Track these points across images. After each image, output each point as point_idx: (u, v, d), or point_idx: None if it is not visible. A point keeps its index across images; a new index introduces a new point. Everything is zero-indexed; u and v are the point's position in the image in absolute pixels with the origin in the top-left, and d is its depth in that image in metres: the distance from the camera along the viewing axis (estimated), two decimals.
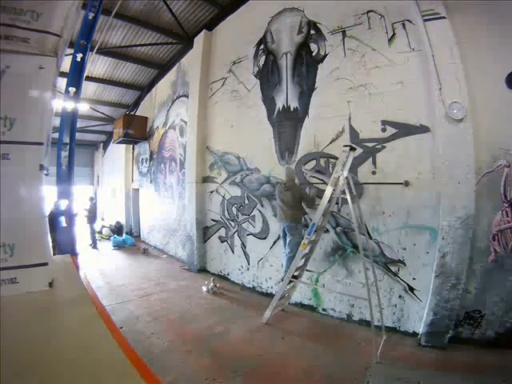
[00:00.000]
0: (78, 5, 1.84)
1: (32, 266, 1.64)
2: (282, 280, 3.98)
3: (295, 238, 4.04)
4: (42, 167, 1.72)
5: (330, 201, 3.63)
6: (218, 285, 5.11)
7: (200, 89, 6.26)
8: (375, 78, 3.83)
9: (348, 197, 3.27)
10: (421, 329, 3.34)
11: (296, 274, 3.91)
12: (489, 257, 3.12)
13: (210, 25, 6.32)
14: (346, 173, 3.43)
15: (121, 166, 10.93)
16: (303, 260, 3.95)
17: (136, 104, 9.73)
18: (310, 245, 3.84)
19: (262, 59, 5.24)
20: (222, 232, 5.93)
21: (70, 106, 3.41)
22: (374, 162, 3.80)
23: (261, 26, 5.24)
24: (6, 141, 1.59)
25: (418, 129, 3.50)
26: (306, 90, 4.56)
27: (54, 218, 3.26)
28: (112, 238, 9.34)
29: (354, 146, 3.66)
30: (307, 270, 4.16)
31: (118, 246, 8.84)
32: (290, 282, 3.89)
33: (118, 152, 11.15)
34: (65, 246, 3.10)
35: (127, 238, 9.31)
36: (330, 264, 4.20)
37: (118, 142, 9.85)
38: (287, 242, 4.14)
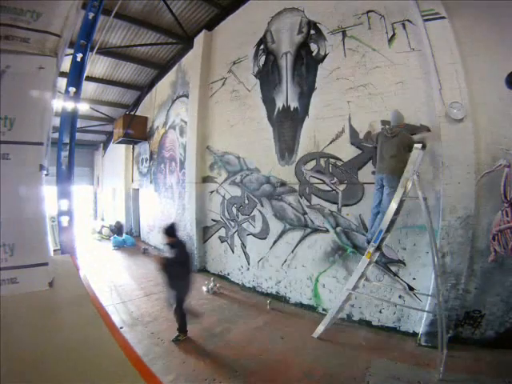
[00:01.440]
0: (78, 5, 1.84)
1: (32, 266, 1.63)
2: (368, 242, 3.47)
3: (394, 191, 3.35)
4: (42, 167, 1.72)
5: (400, 205, 3.26)
6: (218, 285, 5.11)
7: (200, 89, 6.26)
8: (375, 77, 3.83)
9: (421, 199, 2.95)
10: (421, 329, 3.33)
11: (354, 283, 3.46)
12: (489, 257, 3.12)
13: (210, 25, 6.32)
14: (416, 173, 3.10)
15: (121, 166, 10.93)
16: (364, 267, 3.44)
17: (136, 104, 9.73)
18: (377, 253, 3.43)
19: (262, 59, 5.24)
20: (222, 232, 5.93)
21: (69, 106, 3.41)
22: (375, 162, 3.80)
23: (261, 26, 5.24)
24: (6, 141, 1.58)
25: (418, 129, 3.50)
26: (306, 90, 4.56)
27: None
28: (112, 237, 9.34)
29: (424, 143, 3.32)
30: (367, 281, 3.63)
31: (118, 246, 8.84)
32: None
33: (118, 152, 11.15)
34: (65, 246, 3.10)
35: (127, 238, 9.31)
36: (330, 264, 4.20)
37: (118, 142, 9.85)
38: (385, 194, 3.46)
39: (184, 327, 3.46)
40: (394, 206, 3.18)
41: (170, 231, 3.50)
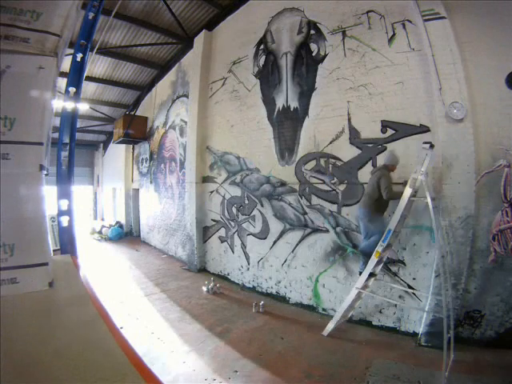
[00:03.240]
0: (78, 5, 1.84)
1: (32, 266, 1.63)
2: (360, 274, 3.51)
3: (366, 223, 3.51)
4: (42, 167, 1.72)
5: (409, 205, 3.21)
6: (218, 285, 5.11)
7: (200, 89, 6.26)
8: (375, 78, 3.83)
9: (428, 199, 2.87)
10: (421, 329, 3.33)
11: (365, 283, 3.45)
12: (489, 257, 3.12)
13: (210, 25, 6.32)
14: (424, 173, 3.05)
15: (121, 166, 10.93)
16: (374, 267, 3.40)
17: (136, 104, 9.73)
18: (386, 251, 3.40)
19: (262, 59, 5.24)
20: (222, 232, 5.93)
21: (69, 106, 3.40)
22: (375, 162, 3.80)
23: (261, 26, 5.24)
24: (6, 141, 1.58)
25: (418, 129, 3.50)
26: (306, 90, 4.56)
27: None
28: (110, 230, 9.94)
29: (432, 143, 3.20)
30: (376, 280, 3.67)
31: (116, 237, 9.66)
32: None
33: (118, 152, 11.15)
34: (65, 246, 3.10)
35: (115, 230, 10.17)
36: (330, 264, 4.20)
37: (118, 142, 9.84)
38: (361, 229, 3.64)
39: None
40: (402, 204, 3.11)
41: None
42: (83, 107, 8.09)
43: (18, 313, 1.40)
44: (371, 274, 3.43)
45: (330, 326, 3.57)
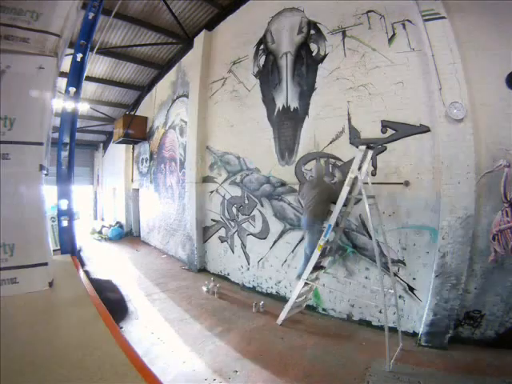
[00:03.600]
0: (78, 5, 1.84)
1: (32, 266, 1.63)
2: (298, 278, 3.84)
3: (311, 235, 3.84)
4: (42, 167, 1.72)
5: (347, 201, 3.51)
6: (218, 285, 5.10)
7: (200, 89, 6.26)
8: (375, 78, 3.83)
9: (364, 198, 3.11)
10: (421, 329, 3.34)
11: (311, 275, 3.78)
12: (489, 257, 3.12)
13: (210, 25, 6.32)
14: (364, 173, 3.28)
15: (121, 166, 10.93)
16: (320, 261, 3.82)
17: (136, 104, 9.73)
18: (328, 246, 3.73)
19: (262, 59, 5.24)
20: (222, 232, 5.93)
21: (69, 106, 3.40)
22: (374, 162, 3.80)
23: (261, 26, 5.24)
24: (6, 141, 1.59)
25: (418, 129, 3.50)
26: (306, 90, 4.56)
27: None
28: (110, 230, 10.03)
29: (371, 144, 3.46)
30: (326, 273, 4.07)
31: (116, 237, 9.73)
32: (306, 284, 3.77)
33: (118, 152, 11.15)
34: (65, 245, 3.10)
35: (115, 230, 10.21)
36: (330, 264, 4.19)
37: (118, 142, 9.85)
38: (305, 241, 3.98)
39: None
40: (340, 201, 3.40)
41: None
42: (83, 107, 8.09)
43: (18, 313, 1.40)
44: (321, 267, 3.89)
45: (282, 315, 3.83)
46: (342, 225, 3.76)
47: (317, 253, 3.57)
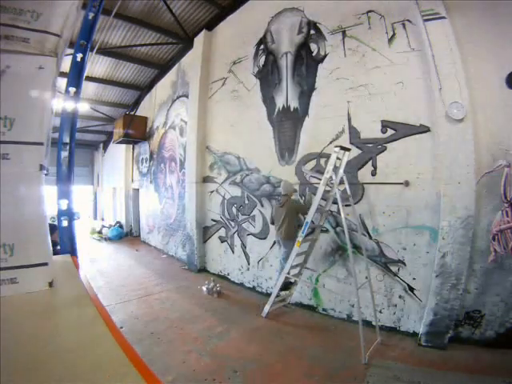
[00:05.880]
0: (78, 5, 1.83)
1: (32, 266, 1.63)
2: (277, 279, 4.13)
3: (288, 249, 4.09)
4: (42, 167, 1.72)
5: (326, 200, 3.78)
6: (218, 285, 5.10)
7: (200, 89, 6.26)
8: (375, 77, 3.83)
9: (338, 197, 3.37)
10: (421, 329, 3.34)
11: (292, 272, 4.04)
12: (489, 257, 3.12)
13: (210, 25, 6.32)
14: (340, 173, 3.53)
15: (121, 166, 10.93)
16: (302, 258, 4.04)
17: (136, 104, 9.73)
18: (308, 242, 3.96)
19: (262, 59, 5.24)
20: (222, 232, 5.93)
21: (69, 106, 3.39)
22: (374, 162, 3.80)
23: (261, 26, 5.24)
24: (6, 141, 1.58)
25: (418, 129, 3.50)
26: (306, 90, 4.56)
27: None
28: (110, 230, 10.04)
29: (346, 146, 3.68)
30: (307, 268, 4.19)
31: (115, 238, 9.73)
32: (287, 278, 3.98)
33: (118, 152, 11.15)
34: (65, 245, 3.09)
35: (115, 230, 10.20)
36: (329, 264, 4.20)
37: (118, 142, 9.84)
38: (281, 253, 4.30)
39: None
40: (317, 199, 3.59)
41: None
42: (83, 107, 8.09)
43: (18, 313, 1.40)
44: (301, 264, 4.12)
45: (267, 307, 4.03)
46: (321, 222, 4.02)
47: (296, 249, 3.75)
